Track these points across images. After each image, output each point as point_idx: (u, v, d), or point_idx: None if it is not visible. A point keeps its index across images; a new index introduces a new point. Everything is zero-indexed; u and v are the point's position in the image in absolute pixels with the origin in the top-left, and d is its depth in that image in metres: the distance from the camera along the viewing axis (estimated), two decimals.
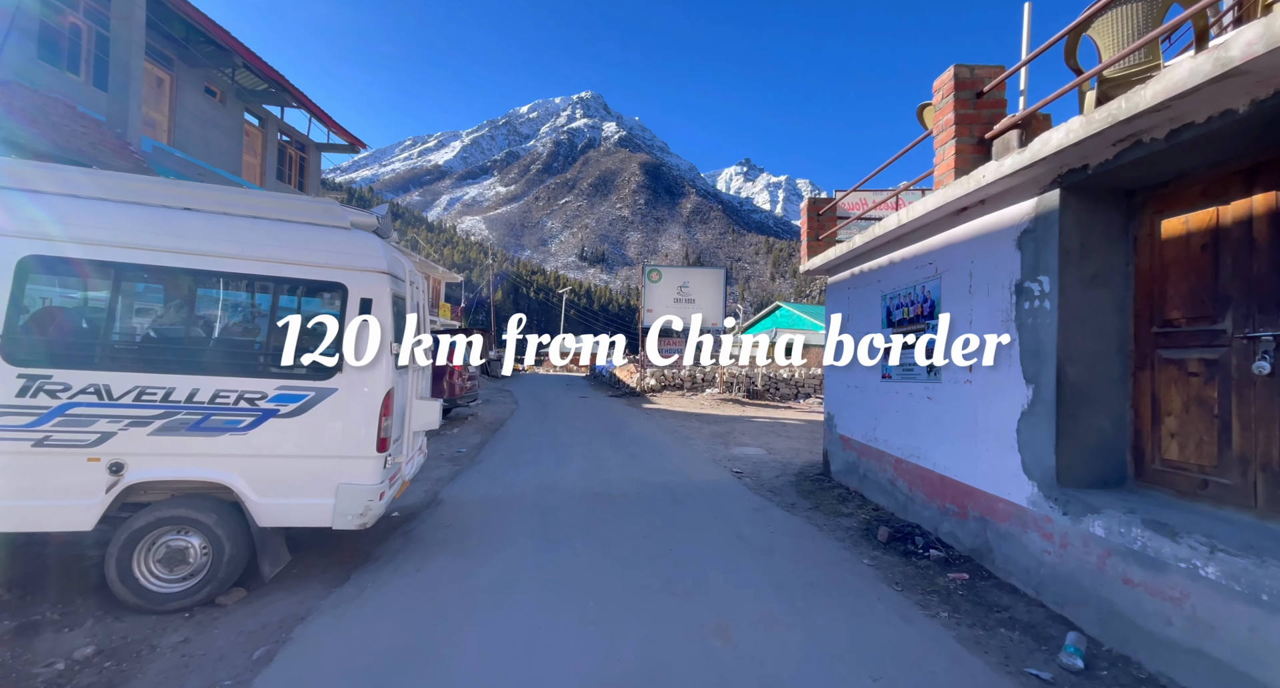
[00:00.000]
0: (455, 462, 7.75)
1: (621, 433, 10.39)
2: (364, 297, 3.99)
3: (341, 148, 20.03)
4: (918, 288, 4.75)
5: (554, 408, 14.75)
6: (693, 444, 9.29)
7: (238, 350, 3.96)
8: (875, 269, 5.57)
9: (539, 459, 7.80)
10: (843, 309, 6.44)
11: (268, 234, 3.93)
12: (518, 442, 9.31)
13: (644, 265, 17.30)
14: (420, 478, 6.74)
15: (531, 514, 5.17)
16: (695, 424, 11.95)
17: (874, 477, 5.51)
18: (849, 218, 7.16)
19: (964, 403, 4.06)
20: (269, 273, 3.87)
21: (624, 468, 7.26)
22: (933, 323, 4.52)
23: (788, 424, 12.29)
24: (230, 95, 15.42)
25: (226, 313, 4.38)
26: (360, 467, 3.89)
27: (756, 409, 15.12)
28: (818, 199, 7.16)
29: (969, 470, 3.99)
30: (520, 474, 6.84)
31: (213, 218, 3.86)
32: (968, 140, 3.96)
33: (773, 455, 8.43)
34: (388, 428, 4.00)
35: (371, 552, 4.39)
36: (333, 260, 3.97)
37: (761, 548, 4.29)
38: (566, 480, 6.53)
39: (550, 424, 11.50)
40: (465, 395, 11.60)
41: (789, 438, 10.23)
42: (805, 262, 7.22)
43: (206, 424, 3.66)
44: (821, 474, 6.86)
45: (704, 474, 6.99)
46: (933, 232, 4.51)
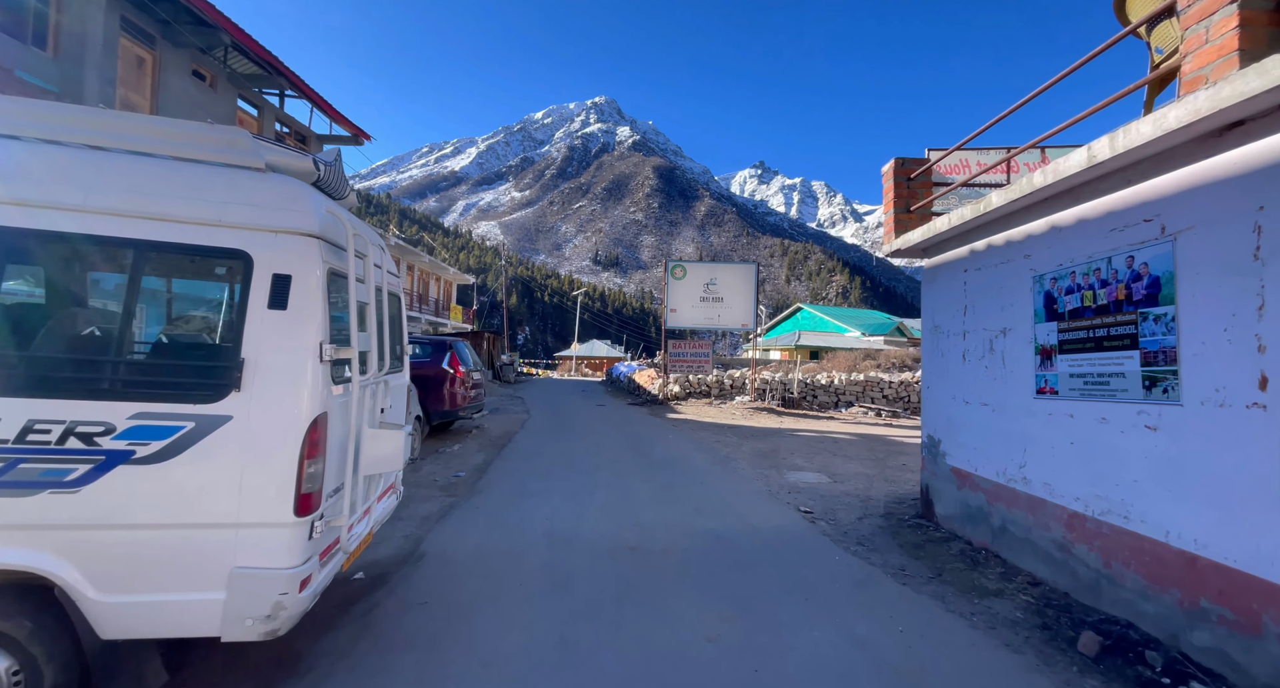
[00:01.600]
0: (450, 491, 6.30)
1: (649, 452, 8.85)
2: (279, 272, 2.53)
3: (345, 139, 18.89)
4: (1118, 259, 3.16)
5: (569, 419, 13.28)
6: (736, 468, 7.72)
7: (67, 357, 2.51)
8: (1020, 240, 3.98)
9: (552, 489, 6.30)
10: (953, 298, 4.85)
11: (123, 174, 2.51)
12: (527, 463, 7.83)
13: (667, 260, 15.75)
14: (403, 516, 5.29)
15: (541, 587, 3.65)
16: (732, 439, 10.36)
17: (1021, 533, 3.90)
18: (949, 183, 5.57)
19: (1245, 441, 2.47)
20: (122, 234, 2.44)
21: (659, 504, 5.72)
22: (1155, 312, 2.93)
23: (838, 439, 10.64)
24: (221, 80, 14.31)
25: (51, 297, 2.97)
26: (267, 540, 2.44)
27: (795, 420, 13.48)
28: (908, 160, 5.57)
29: (1260, 553, 2.40)
30: (528, 513, 5.35)
31: (30, 149, 2.45)
32: (1260, 4, 2.38)
33: (839, 484, 6.82)
34: (315, 476, 2.54)
35: (306, 651, 2.93)
36: (229, 216, 2.53)
37: (902, 670, 2.72)
38: (587, 524, 5.02)
39: (565, 440, 10.01)
40: (469, 406, 10.17)
41: (848, 458, 8.60)
42: (890, 240, 5.64)
43: (9, 477, 2.24)
44: (920, 518, 5.25)
45: (764, 515, 5.41)
46: (1158, 170, 2.93)
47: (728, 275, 16.01)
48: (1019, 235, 3.99)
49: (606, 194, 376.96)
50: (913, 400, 15.69)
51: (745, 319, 16.06)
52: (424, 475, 7.06)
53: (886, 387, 15.88)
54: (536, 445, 9.35)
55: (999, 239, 4.22)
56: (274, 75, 14.62)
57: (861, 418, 14.35)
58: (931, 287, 5.24)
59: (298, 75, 14.96)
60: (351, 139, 18.84)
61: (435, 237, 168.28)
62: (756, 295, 15.99)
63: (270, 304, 2.48)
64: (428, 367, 9.60)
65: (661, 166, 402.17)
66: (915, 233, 5.10)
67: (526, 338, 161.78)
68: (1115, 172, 3.16)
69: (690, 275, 15.74)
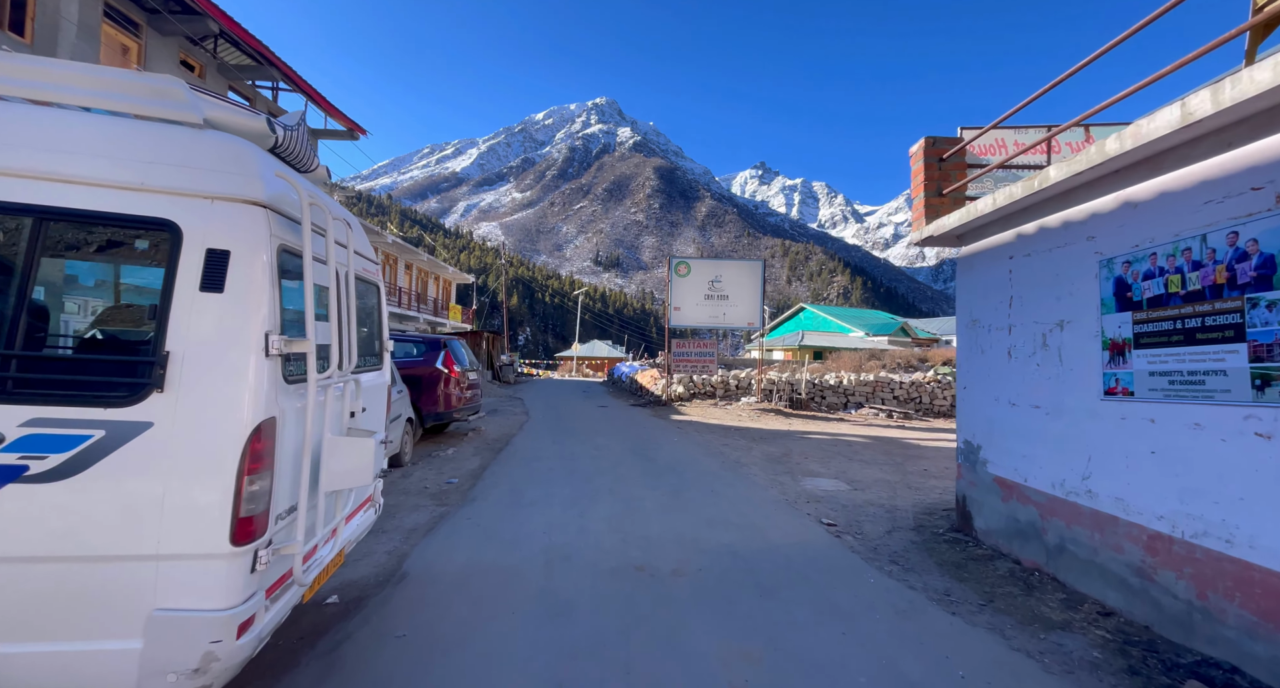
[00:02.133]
0: (441, 499, 5.84)
1: (655, 456, 8.38)
2: (214, 247, 2.08)
3: (340, 134, 18.45)
4: (1215, 236, 2.69)
5: (570, 420, 12.81)
6: (748, 474, 7.24)
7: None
8: (1083, 220, 3.50)
9: (551, 497, 5.83)
10: (995, 289, 4.37)
11: (20, 126, 2.06)
12: (525, 468, 7.37)
13: (671, 257, 15.27)
14: (387, 528, 4.83)
15: (537, 615, 3.18)
16: (740, 442, 9.88)
17: (1086, 554, 3.42)
18: (983, 165, 5.09)
19: None
20: (16, 198, 1.99)
21: (667, 514, 5.25)
22: (1267, 298, 2.45)
23: (851, 443, 10.16)
24: (211, 71, 13.88)
25: None
26: (197, 576, 1.99)
27: (804, 422, 12.99)
28: (939, 139, 5.10)
29: None
30: (525, 524, 4.88)
31: None
32: None
33: (860, 492, 6.35)
34: (259, 495, 2.09)
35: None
36: (154, 178, 2.08)
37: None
38: (589, 538, 4.55)
39: (566, 442, 9.54)
40: (464, 407, 9.70)
41: (865, 463, 8.12)
42: (920, 227, 5.17)
43: None
44: (957, 531, 4.77)
45: (783, 528, 4.94)
46: (1270, 127, 2.45)
47: (733, 272, 15.52)
48: (1081, 215, 3.51)
49: (607, 195, 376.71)
50: (924, 401, 15.21)
51: (751, 318, 15.58)
52: (414, 482, 6.60)
53: (897, 387, 15.39)
54: (535, 449, 8.88)
55: (1054, 220, 3.74)
56: (265, 66, 14.19)
57: (873, 420, 13.86)
58: (969, 276, 4.77)
59: (290, 67, 14.52)
60: (347, 134, 18.40)
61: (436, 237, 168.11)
62: (763, 293, 15.51)
63: (203, 286, 2.02)
64: (421, 366, 9.13)
65: (662, 167, 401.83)
66: (951, 217, 4.62)
67: (527, 338, 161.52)
68: (1212, 133, 2.68)
69: (694, 272, 15.26)
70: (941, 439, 10.69)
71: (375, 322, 3.67)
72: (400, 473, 7.03)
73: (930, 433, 11.77)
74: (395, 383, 7.70)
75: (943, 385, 15.34)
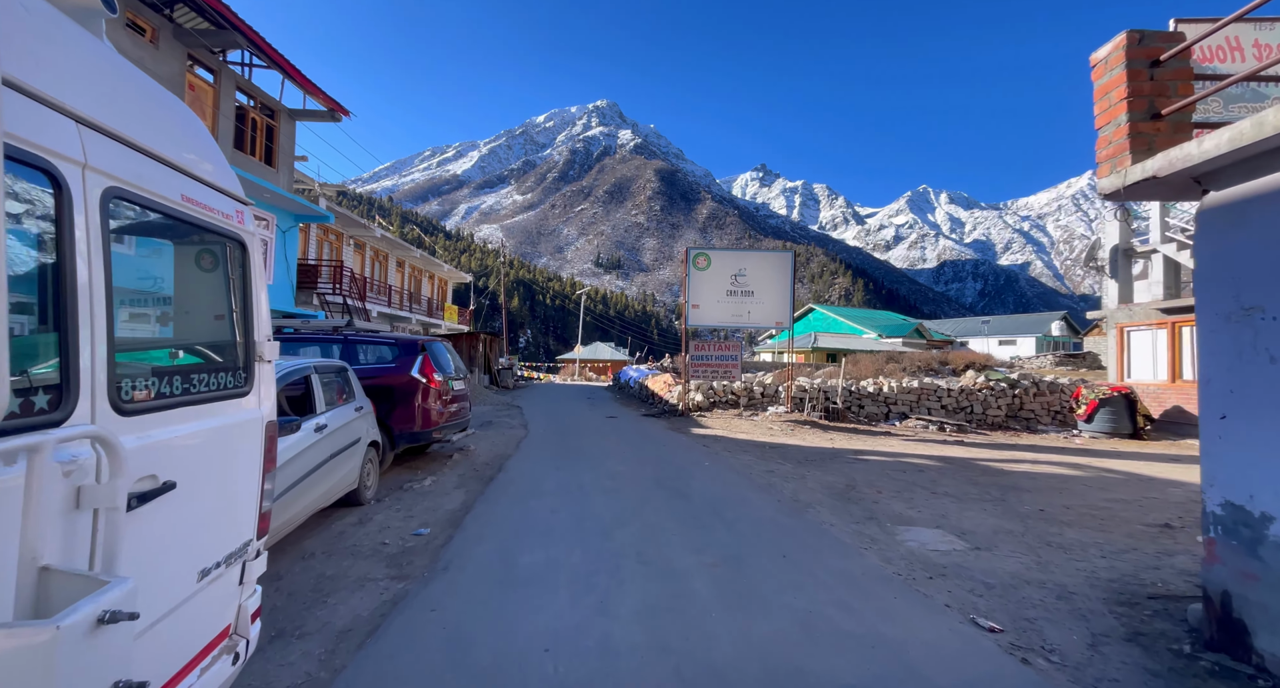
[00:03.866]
0: (400, 566, 4.06)
1: (688, 490, 6.57)
2: None
3: (320, 115, 16.73)
4: None
5: (576, 436, 11.02)
6: (820, 521, 5.44)
7: None
8: None
9: (556, 566, 4.04)
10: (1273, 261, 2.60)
11: None
12: (520, 510, 5.57)
13: (689, 249, 13.45)
14: (308, 630, 3.06)
15: None
16: (785, 467, 8.08)
17: None
18: (1223, 77, 3.32)
19: None
20: None
21: (735, 612, 3.42)
22: None
23: (921, 467, 8.35)
24: (165, 35, 12.14)
25: None
26: None
27: (847, 437, 11.19)
28: (1149, 32, 3.33)
29: None
30: (515, 629, 3.07)
31: None
32: None
33: (989, 554, 4.54)
34: None
35: None
36: None
37: None
38: (619, 665, 2.75)
39: (572, 468, 7.74)
40: (448, 424, 7.91)
41: (959, 500, 6.31)
42: (1123, 165, 3.39)
43: None
44: (1215, 649, 2.97)
45: (926, 640, 3.11)
46: None
47: (758, 265, 13.72)
48: None
49: (608, 197, 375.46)
50: (976, 411, 13.41)
51: (779, 316, 13.78)
52: (371, 532, 4.82)
53: (945, 395, 13.59)
54: (534, 478, 7.09)
55: None
56: (228, 31, 12.45)
57: (923, 433, 12.06)
58: (1225, 240, 2.99)
59: (257, 32, 12.78)
60: (328, 115, 16.67)
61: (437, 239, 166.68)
62: (793, 289, 13.72)
63: None
64: (393, 374, 7.36)
65: (663, 169, 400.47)
66: (1205, 143, 2.83)
67: (528, 341, 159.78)
68: None
69: (715, 265, 13.46)
70: (1022, 461, 8.87)
71: (228, 306, 1.90)
72: (356, 518, 5.25)
73: (998, 451, 9.97)
74: (355, 398, 5.93)
75: (995, 393, 13.54)
